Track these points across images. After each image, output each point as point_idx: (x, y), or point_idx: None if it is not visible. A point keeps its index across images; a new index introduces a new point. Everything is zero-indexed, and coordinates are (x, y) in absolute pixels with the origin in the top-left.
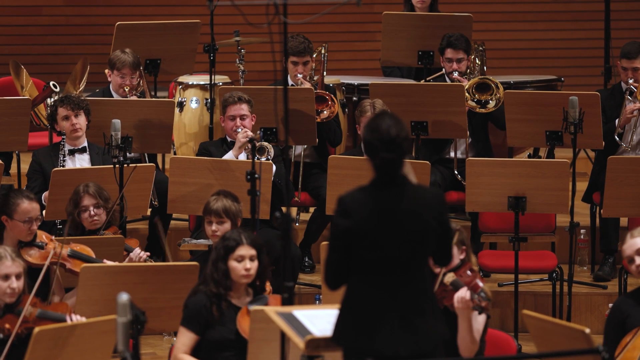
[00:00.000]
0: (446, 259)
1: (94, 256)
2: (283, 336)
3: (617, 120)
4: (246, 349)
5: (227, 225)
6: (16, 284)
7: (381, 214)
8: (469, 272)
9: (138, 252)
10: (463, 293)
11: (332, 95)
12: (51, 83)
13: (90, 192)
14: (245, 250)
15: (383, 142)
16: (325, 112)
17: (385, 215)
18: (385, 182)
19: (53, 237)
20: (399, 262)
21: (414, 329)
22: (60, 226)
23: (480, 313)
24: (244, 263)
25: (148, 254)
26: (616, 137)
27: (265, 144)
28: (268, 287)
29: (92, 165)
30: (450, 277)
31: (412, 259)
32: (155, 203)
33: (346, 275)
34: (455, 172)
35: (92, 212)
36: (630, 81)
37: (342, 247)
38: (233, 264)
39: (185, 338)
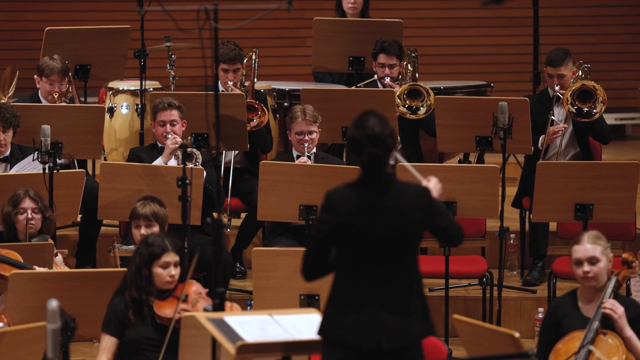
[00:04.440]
0: (452, 239)
1: (21, 260)
2: (214, 342)
3: (541, 138)
4: (166, 340)
5: (156, 229)
6: None
7: (365, 211)
8: None
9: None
10: None
11: (263, 105)
12: None
13: (31, 195)
14: (171, 257)
15: (369, 138)
16: (254, 120)
17: (369, 212)
18: (372, 179)
19: None
20: (381, 258)
21: (393, 324)
22: None
23: None
24: (169, 270)
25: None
26: (540, 147)
27: (194, 150)
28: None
29: None
30: None
31: (394, 255)
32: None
33: (322, 268)
34: None
35: (29, 215)
36: (557, 88)
37: (322, 240)
38: (158, 270)
39: (106, 342)
